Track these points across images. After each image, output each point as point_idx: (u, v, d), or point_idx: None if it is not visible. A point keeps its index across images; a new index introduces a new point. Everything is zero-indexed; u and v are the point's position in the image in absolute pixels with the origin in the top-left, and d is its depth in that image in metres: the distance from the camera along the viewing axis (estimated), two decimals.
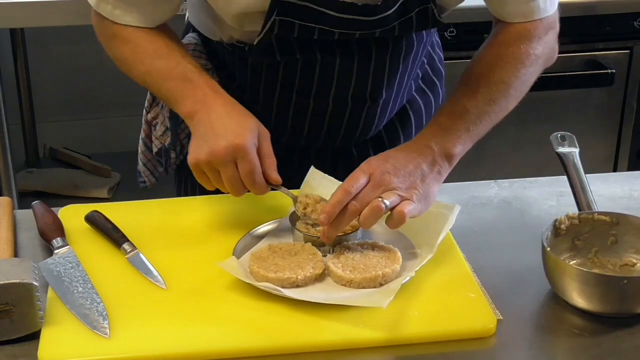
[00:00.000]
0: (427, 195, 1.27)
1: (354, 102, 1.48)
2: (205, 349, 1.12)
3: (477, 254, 1.32)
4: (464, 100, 1.38)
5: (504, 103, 1.39)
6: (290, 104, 1.48)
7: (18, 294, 1.12)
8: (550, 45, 1.45)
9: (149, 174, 1.64)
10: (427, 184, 1.28)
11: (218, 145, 1.25)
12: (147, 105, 1.62)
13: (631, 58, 2.61)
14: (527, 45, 1.40)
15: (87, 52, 2.89)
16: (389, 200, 1.22)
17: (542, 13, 1.42)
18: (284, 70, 1.45)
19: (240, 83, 1.50)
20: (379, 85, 1.47)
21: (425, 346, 1.15)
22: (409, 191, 1.25)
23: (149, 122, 1.61)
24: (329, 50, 1.41)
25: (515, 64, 1.39)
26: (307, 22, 1.34)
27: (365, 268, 1.23)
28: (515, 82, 1.39)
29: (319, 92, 1.46)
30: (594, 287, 1.17)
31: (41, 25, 2.34)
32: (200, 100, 1.32)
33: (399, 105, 1.56)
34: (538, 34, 1.42)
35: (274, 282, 1.20)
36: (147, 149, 1.63)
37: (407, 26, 1.39)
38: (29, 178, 2.72)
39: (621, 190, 1.51)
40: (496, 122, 1.40)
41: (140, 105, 1.65)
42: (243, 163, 1.25)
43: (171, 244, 1.33)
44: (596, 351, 1.15)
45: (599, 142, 2.71)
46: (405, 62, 1.48)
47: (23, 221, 1.39)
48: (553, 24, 1.45)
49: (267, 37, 1.36)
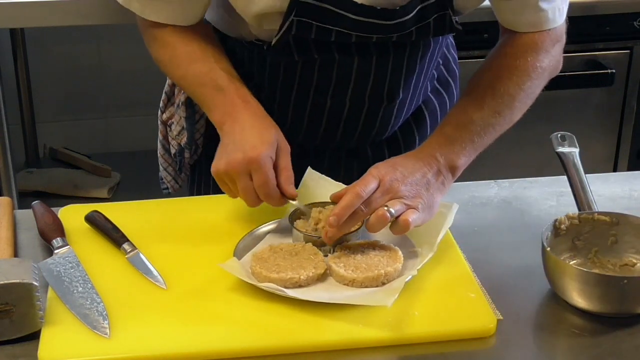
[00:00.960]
0: (431, 205, 1.29)
1: (370, 102, 1.48)
2: (205, 349, 1.12)
3: (477, 254, 1.32)
4: (470, 111, 1.38)
5: (508, 116, 1.40)
6: (307, 103, 1.49)
7: (18, 294, 1.12)
8: (556, 58, 1.45)
9: (170, 179, 1.64)
10: (432, 194, 1.29)
11: (234, 158, 1.28)
12: (162, 106, 1.62)
13: (631, 58, 2.61)
14: (534, 57, 1.41)
15: (87, 52, 2.89)
16: (395, 208, 1.24)
17: (551, 24, 1.42)
18: (302, 69, 1.45)
19: (258, 81, 1.51)
20: (396, 85, 1.47)
21: (425, 346, 1.15)
22: (415, 200, 1.26)
23: (165, 123, 1.62)
24: (347, 51, 1.42)
25: (522, 76, 1.40)
26: (325, 24, 1.35)
27: (367, 267, 1.23)
28: (520, 95, 1.40)
29: (336, 91, 1.47)
30: (594, 287, 1.17)
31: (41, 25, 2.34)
32: (229, 111, 1.34)
33: (415, 105, 1.57)
34: (545, 47, 1.42)
35: (276, 283, 1.20)
36: (165, 152, 1.64)
37: (424, 32, 1.40)
38: (29, 178, 2.72)
39: (621, 190, 1.51)
40: (499, 135, 1.41)
41: (140, 105, 1.65)
42: (256, 175, 1.27)
43: (171, 244, 1.33)
44: (596, 351, 1.15)
45: (599, 142, 2.71)
46: (422, 62, 1.49)
47: (23, 221, 1.39)
48: (560, 37, 1.45)
49: (285, 37, 1.37)
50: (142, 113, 2.90)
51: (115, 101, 2.95)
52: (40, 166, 2.83)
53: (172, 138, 1.60)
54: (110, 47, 2.88)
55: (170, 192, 1.65)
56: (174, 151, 1.61)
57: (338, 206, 1.24)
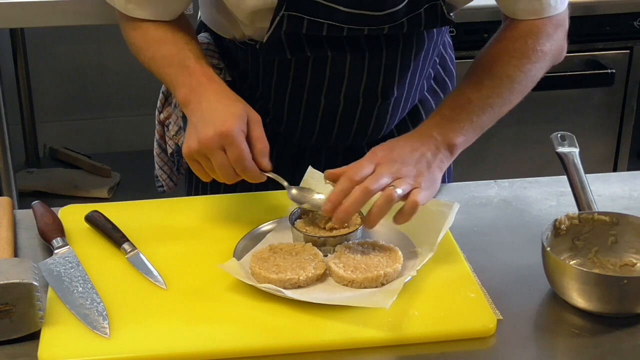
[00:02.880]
0: (434, 181, 1.29)
1: (365, 100, 1.48)
2: (205, 349, 1.12)
3: (477, 254, 1.32)
4: (468, 92, 1.39)
5: (507, 97, 1.40)
6: (302, 102, 1.49)
7: (18, 294, 1.12)
8: (558, 43, 1.45)
9: (166, 177, 1.64)
10: (432, 171, 1.29)
11: (206, 134, 1.26)
12: (159, 106, 1.62)
13: (631, 58, 2.61)
14: (534, 41, 1.41)
15: (87, 52, 2.89)
16: (401, 188, 1.23)
17: (552, 11, 1.42)
18: (295, 67, 1.45)
19: (252, 81, 1.51)
20: (391, 82, 1.47)
21: (425, 346, 1.15)
22: (417, 179, 1.26)
23: (162, 122, 1.62)
24: (339, 47, 1.42)
25: (521, 58, 1.40)
26: (316, 18, 1.35)
27: (366, 268, 1.22)
28: (520, 77, 1.40)
29: (330, 89, 1.46)
30: (594, 287, 1.17)
31: (41, 25, 2.34)
32: (195, 88, 1.33)
33: (411, 104, 1.57)
34: (546, 31, 1.42)
35: (275, 284, 1.20)
36: (162, 151, 1.63)
37: (415, 23, 1.39)
38: (29, 178, 2.72)
39: (621, 190, 1.51)
40: (500, 116, 1.41)
41: (140, 105, 1.66)
42: (231, 149, 1.26)
43: (171, 244, 1.33)
44: (596, 351, 1.15)
45: (599, 142, 2.71)
46: (416, 59, 1.49)
47: (23, 221, 1.39)
48: (562, 21, 1.45)
49: (277, 33, 1.37)
50: (142, 113, 2.90)
51: (115, 101, 2.96)
52: (40, 166, 2.83)
53: (169, 138, 1.60)
54: (111, 47, 2.88)
55: (165, 190, 1.65)
56: (171, 151, 1.60)
57: (332, 192, 1.23)
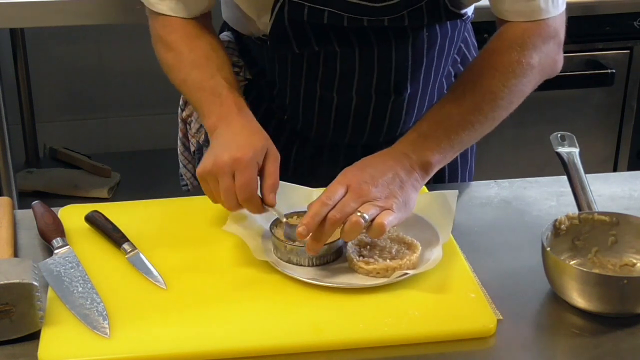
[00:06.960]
0: (407, 202, 1.27)
1: (377, 96, 1.48)
2: (205, 349, 1.12)
3: (477, 254, 1.32)
4: (448, 107, 1.36)
5: (490, 113, 1.36)
6: (315, 99, 1.50)
7: (18, 294, 1.12)
8: (549, 55, 1.40)
9: (190, 176, 1.65)
10: (406, 191, 1.27)
11: (221, 157, 1.27)
12: (181, 103, 1.64)
13: (631, 58, 2.61)
14: (519, 53, 1.36)
15: (87, 52, 2.89)
16: (368, 213, 1.21)
17: (544, 14, 1.37)
18: (307, 63, 1.46)
19: (270, 78, 1.53)
20: (403, 78, 1.47)
21: (425, 346, 1.15)
22: (388, 200, 1.24)
23: (185, 120, 1.63)
24: (346, 40, 1.42)
25: (505, 73, 1.36)
26: (316, 4, 1.35)
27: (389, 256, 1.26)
28: (503, 92, 1.36)
29: (341, 85, 1.47)
30: (594, 287, 1.17)
31: (41, 25, 2.34)
32: (224, 117, 1.35)
33: (429, 102, 1.55)
34: (533, 42, 1.37)
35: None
36: (185, 149, 1.65)
37: (417, 16, 1.38)
38: (29, 178, 2.72)
39: (621, 190, 1.51)
40: (483, 134, 1.38)
41: (140, 105, 1.66)
42: (239, 176, 1.26)
43: (171, 244, 1.33)
44: (596, 351, 1.15)
45: (599, 142, 2.71)
46: (429, 55, 1.48)
47: (23, 221, 1.39)
48: (554, 32, 1.40)
49: (280, 22, 1.37)
50: (142, 113, 2.91)
51: (115, 101, 2.95)
52: (40, 166, 2.83)
53: (191, 136, 1.62)
54: (110, 47, 2.88)
55: (190, 189, 1.66)
56: (194, 149, 1.61)
57: (305, 216, 1.23)
